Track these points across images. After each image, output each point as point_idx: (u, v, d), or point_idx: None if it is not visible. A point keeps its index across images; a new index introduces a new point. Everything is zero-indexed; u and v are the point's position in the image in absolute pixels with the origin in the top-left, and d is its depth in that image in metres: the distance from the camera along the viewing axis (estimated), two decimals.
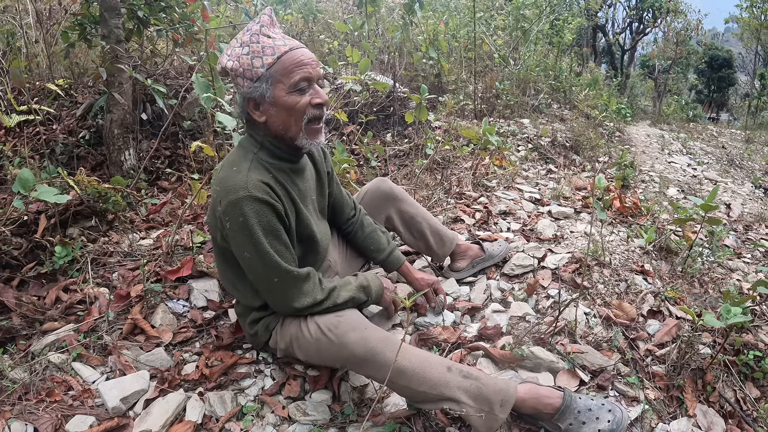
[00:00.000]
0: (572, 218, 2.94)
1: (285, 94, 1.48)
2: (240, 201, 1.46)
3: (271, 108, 1.51)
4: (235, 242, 1.52)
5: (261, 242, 1.49)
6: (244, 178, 1.49)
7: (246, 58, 1.46)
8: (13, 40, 3.41)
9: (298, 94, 1.50)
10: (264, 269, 1.53)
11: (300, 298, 1.55)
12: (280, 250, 1.54)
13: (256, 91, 1.48)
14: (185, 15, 3.13)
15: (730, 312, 1.64)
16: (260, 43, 1.46)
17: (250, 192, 1.47)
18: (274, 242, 1.53)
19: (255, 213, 1.48)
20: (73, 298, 2.01)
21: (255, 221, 1.48)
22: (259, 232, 1.49)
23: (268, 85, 1.48)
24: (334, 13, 6.19)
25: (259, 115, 1.53)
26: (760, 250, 3.03)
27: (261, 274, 1.54)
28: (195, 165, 3.05)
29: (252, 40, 1.47)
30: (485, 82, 5.59)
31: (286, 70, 1.47)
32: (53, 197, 1.89)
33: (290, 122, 1.53)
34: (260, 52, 1.46)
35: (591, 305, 2.08)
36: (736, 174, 5.49)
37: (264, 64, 1.46)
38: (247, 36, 1.48)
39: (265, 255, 1.51)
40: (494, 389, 1.45)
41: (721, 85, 21.38)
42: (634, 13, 16.34)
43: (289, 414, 1.62)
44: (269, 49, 1.46)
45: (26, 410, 1.54)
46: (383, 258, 2.04)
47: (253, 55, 1.46)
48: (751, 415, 1.74)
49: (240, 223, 1.47)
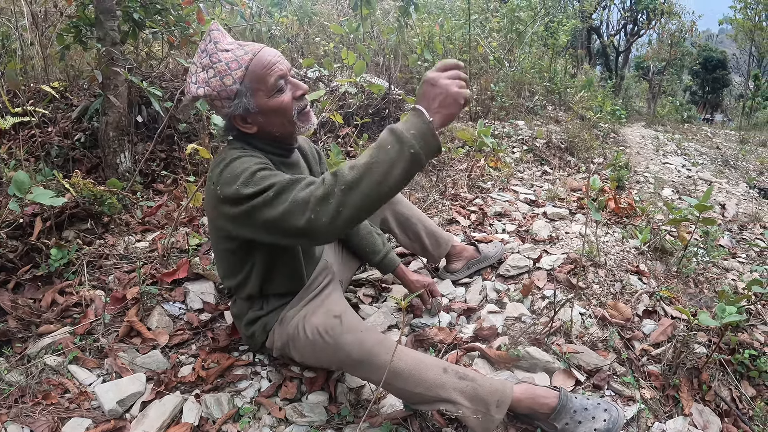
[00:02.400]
0: (567, 219, 2.95)
1: (267, 99, 1.46)
2: (235, 159, 1.42)
3: (258, 116, 1.49)
4: (238, 195, 1.35)
5: (253, 176, 1.36)
6: (238, 153, 1.46)
7: (215, 80, 1.42)
8: (8, 42, 3.40)
9: (279, 94, 1.48)
10: (280, 191, 1.32)
11: (318, 189, 1.28)
12: (267, 174, 1.38)
13: (238, 108, 1.45)
14: (180, 17, 3.13)
15: (725, 311, 1.65)
16: (222, 61, 1.42)
17: (236, 154, 1.44)
18: (263, 173, 1.38)
19: (241, 164, 1.40)
20: (69, 301, 2.01)
21: (241, 168, 1.38)
22: (260, 166, 1.39)
23: (248, 98, 1.44)
24: (329, 16, 6.20)
25: (249, 126, 1.51)
26: (755, 250, 3.05)
27: (270, 198, 1.32)
28: (190, 167, 3.05)
29: (213, 61, 1.42)
30: (480, 83, 5.61)
31: (259, 77, 1.44)
32: (49, 200, 1.89)
33: (283, 123, 1.52)
34: (226, 70, 1.42)
35: (586, 305, 2.08)
36: (731, 174, 5.52)
37: (235, 79, 1.42)
38: (206, 58, 1.43)
39: (275, 175, 1.36)
40: (490, 390, 1.46)
41: (715, 87, 21.49)
42: (629, 15, 16.42)
43: (286, 416, 1.62)
44: (233, 63, 1.42)
45: (22, 413, 1.54)
46: (378, 260, 2.04)
47: (221, 75, 1.41)
48: (747, 413, 1.75)
49: (227, 179, 1.37)
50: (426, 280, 2.07)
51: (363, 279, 2.30)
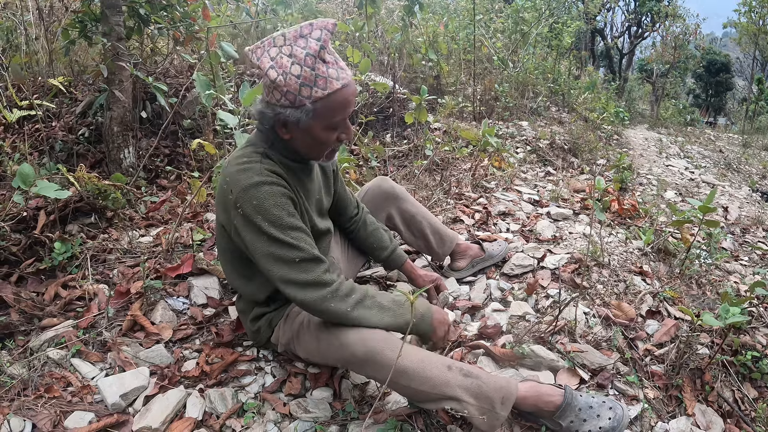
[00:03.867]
0: (571, 220, 2.95)
1: (321, 129, 1.45)
2: (253, 186, 1.42)
3: (300, 133, 1.46)
4: (249, 228, 1.44)
5: (275, 223, 1.43)
6: (257, 167, 1.46)
7: (294, 79, 1.35)
8: (13, 36, 3.40)
9: (332, 131, 1.48)
10: (281, 251, 1.43)
11: (320, 285, 1.45)
12: (298, 230, 1.47)
13: (291, 116, 1.40)
14: (186, 13, 3.13)
15: (728, 312, 1.65)
16: (315, 71, 1.35)
17: (263, 177, 1.44)
18: (294, 221, 1.46)
19: (268, 195, 1.43)
20: (72, 295, 2.00)
21: (271, 204, 1.43)
22: (273, 214, 1.43)
23: (308, 117, 1.40)
24: (334, 14, 6.19)
25: (284, 132, 1.48)
26: (757, 253, 3.04)
27: (278, 258, 1.44)
28: (195, 163, 3.05)
29: (307, 63, 1.34)
30: (484, 84, 5.61)
31: (332, 111, 1.41)
32: (53, 193, 1.88)
33: (315, 150, 1.53)
34: (312, 81, 1.35)
35: (590, 305, 2.08)
36: (734, 178, 5.52)
37: (312, 96, 1.37)
38: (303, 53, 1.34)
39: (281, 235, 1.43)
40: (495, 387, 1.45)
41: (718, 90, 21.46)
42: (633, 17, 16.41)
43: (290, 411, 1.62)
44: (321, 81, 1.36)
45: (25, 406, 1.53)
46: (386, 256, 2.04)
47: (304, 83, 1.35)
48: (749, 414, 1.75)
49: (254, 206, 1.42)
50: (433, 276, 2.08)
51: (368, 276, 2.30)
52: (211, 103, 2.31)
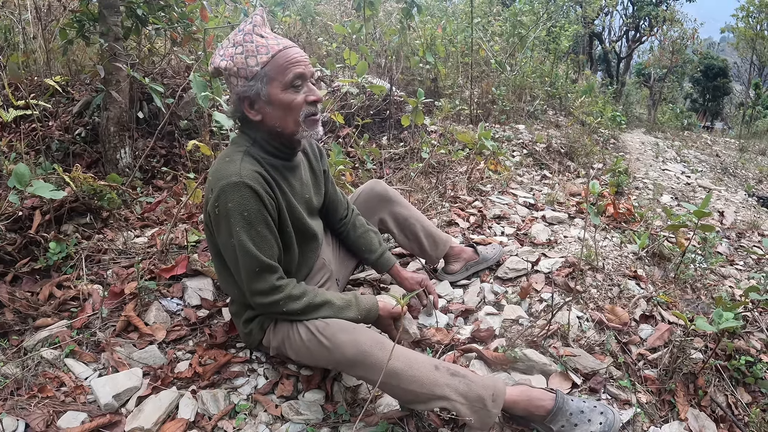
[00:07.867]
0: (566, 223, 2.95)
1: (280, 91, 1.50)
2: (231, 186, 1.47)
3: (266, 106, 1.52)
4: (220, 229, 1.52)
5: (245, 229, 1.49)
6: (237, 167, 1.50)
7: (240, 57, 1.48)
8: (11, 35, 3.40)
9: (293, 92, 1.51)
10: (244, 258, 1.51)
11: (274, 291, 1.55)
12: (263, 240, 1.53)
13: (251, 90, 1.50)
14: (184, 14, 3.14)
15: (722, 317, 1.65)
16: (254, 43, 1.48)
17: (242, 179, 1.48)
18: (262, 230, 1.52)
19: (243, 199, 1.48)
20: (67, 295, 2.00)
21: (243, 208, 1.48)
22: (244, 220, 1.49)
23: (263, 84, 1.49)
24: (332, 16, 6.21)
25: (255, 113, 1.54)
26: (753, 258, 3.05)
27: (241, 263, 1.53)
28: (191, 164, 3.05)
29: (245, 40, 1.48)
30: (481, 87, 5.62)
31: (281, 68, 1.49)
32: (49, 193, 1.88)
33: (287, 120, 1.54)
34: (254, 51, 1.48)
35: (584, 309, 2.09)
36: (730, 182, 5.53)
37: (258, 62, 1.48)
38: (240, 36, 1.49)
39: (247, 242, 1.50)
40: (483, 385, 1.46)
41: (715, 94, 21.50)
42: (631, 22, 16.46)
43: (282, 413, 1.62)
44: (263, 48, 1.48)
45: (18, 405, 1.54)
46: (374, 259, 2.04)
47: (248, 54, 1.47)
48: (743, 419, 1.75)
49: (228, 209, 1.48)
50: (420, 277, 2.07)
51: (361, 278, 2.30)
52: (208, 105, 2.32)
